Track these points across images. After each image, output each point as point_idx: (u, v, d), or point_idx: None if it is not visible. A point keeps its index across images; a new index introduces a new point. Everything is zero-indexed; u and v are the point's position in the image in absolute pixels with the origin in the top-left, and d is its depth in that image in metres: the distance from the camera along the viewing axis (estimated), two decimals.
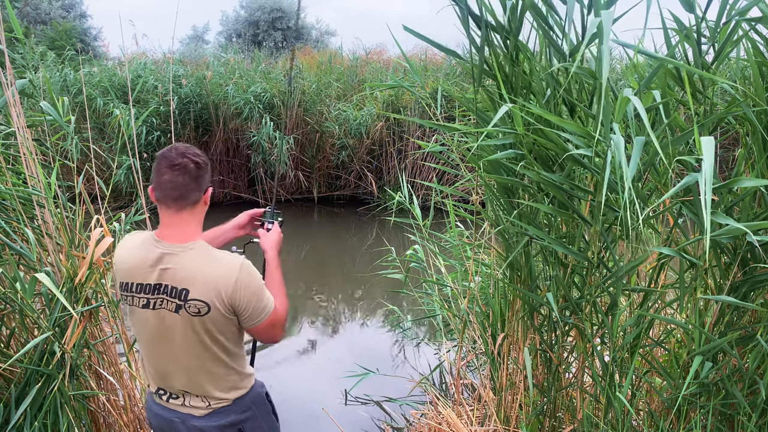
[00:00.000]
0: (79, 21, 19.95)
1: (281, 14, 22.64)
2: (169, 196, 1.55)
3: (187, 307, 1.55)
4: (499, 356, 2.48)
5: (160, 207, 1.59)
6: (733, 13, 1.75)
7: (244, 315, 1.60)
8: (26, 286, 2.08)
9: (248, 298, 1.57)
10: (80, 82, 8.66)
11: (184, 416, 1.69)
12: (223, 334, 1.61)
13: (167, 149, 1.56)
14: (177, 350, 1.61)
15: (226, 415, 1.69)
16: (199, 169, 1.56)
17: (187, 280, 1.55)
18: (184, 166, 1.53)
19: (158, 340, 1.63)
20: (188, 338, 1.59)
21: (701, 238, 1.75)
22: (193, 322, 1.57)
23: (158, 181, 1.54)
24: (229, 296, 1.55)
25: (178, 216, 1.57)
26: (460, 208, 3.21)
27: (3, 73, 2.14)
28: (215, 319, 1.57)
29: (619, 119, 1.61)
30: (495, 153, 2.11)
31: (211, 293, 1.54)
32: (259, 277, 1.62)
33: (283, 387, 3.86)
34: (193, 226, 1.61)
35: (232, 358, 1.67)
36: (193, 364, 1.62)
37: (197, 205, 1.60)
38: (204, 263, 1.56)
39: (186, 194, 1.55)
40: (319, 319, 5.08)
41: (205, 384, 1.65)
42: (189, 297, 1.54)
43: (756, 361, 1.78)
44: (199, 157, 1.57)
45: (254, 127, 9.07)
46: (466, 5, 1.92)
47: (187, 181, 1.54)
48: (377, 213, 8.33)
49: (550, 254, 2.17)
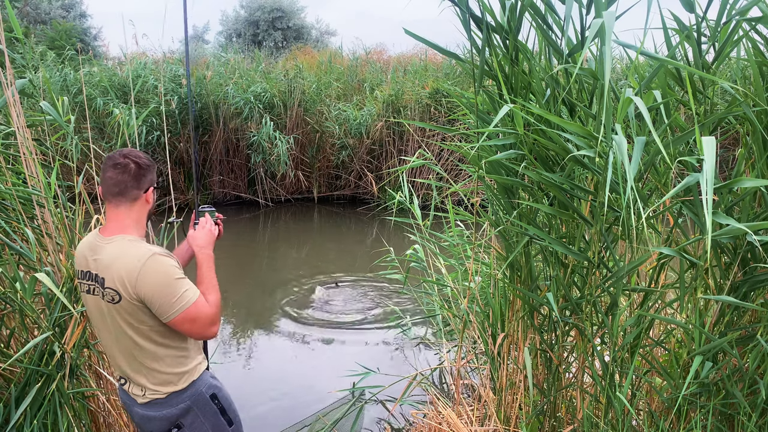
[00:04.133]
0: (79, 21, 19.95)
1: (281, 14, 22.65)
2: (110, 192, 1.70)
3: (105, 295, 1.68)
4: (499, 356, 2.48)
5: (103, 200, 1.75)
6: (734, 13, 1.75)
7: (153, 307, 1.65)
8: (26, 286, 2.08)
9: (154, 291, 1.62)
10: (80, 81, 8.67)
11: (131, 401, 1.81)
12: (143, 323, 1.68)
13: (114, 152, 1.73)
14: (110, 335, 1.74)
15: (160, 407, 1.75)
16: (140, 168, 1.71)
17: (105, 269, 1.67)
18: (125, 165, 1.69)
19: (99, 324, 1.76)
20: (114, 325, 1.71)
21: (702, 238, 1.75)
22: (113, 310, 1.68)
23: (102, 178, 1.71)
24: (132, 286, 1.62)
25: (117, 211, 1.71)
26: (460, 207, 3.21)
27: (3, 73, 2.13)
28: (127, 308, 1.66)
29: (621, 119, 1.61)
30: (495, 153, 2.11)
31: (118, 282, 1.64)
32: (170, 271, 1.65)
33: (282, 386, 3.86)
34: (129, 221, 1.72)
35: (161, 351, 1.72)
36: (124, 350, 1.73)
37: (136, 202, 1.73)
38: (117, 254, 1.66)
39: (124, 191, 1.69)
40: (318, 319, 5.08)
41: (136, 372, 1.75)
42: (105, 285, 1.67)
43: (756, 361, 1.78)
44: (140, 159, 1.72)
45: (254, 127, 9.07)
46: (467, 7, 1.92)
47: (127, 179, 1.69)
48: (377, 213, 8.34)
49: (550, 254, 2.17)
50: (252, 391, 3.77)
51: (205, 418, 1.80)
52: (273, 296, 5.67)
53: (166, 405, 1.75)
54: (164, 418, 1.75)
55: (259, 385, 3.89)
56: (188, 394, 1.77)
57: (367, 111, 9.44)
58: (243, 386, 3.83)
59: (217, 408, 1.83)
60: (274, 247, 7.94)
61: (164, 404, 1.75)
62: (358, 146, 9.63)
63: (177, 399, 1.75)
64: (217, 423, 1.82)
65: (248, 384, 3.88)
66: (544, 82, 2.02)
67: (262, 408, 3.56)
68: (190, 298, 1.66)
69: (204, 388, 1.80)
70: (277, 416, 3.43)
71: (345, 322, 5.03)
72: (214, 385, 1.84)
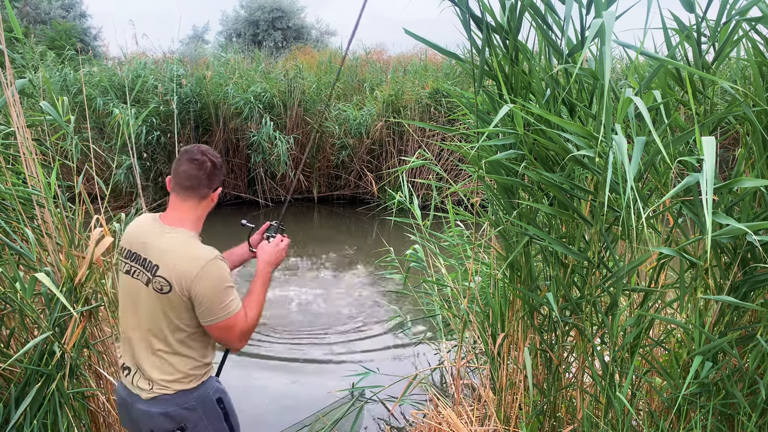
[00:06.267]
0: (78, 21, 19.95)
1: (281, 14, 22.65)
2: (181, 185, 1.71)
3: (154, 282, 1.67)
4: (499, 356, 2.48)
5: (171, 194, 1.75)
6: (733, 13, 1.75)
7: (200, 308, 1.67)
8: (26, 286, 2.08)
9: (206, 293, 1.64)
10: (80, 81, 8.67)
11: (133, 397, 1.77)
12: (180, 320, 1.69)
13: (191, 146, 1.73)
14: (140, 320, 1.73)
15: (166, 404, 1.73)
16: (215, 168, 1.73)
17: (160, 257, 1.67)
18: (202, 162, 1.70)
19: (130, 306, 1.76)
20: (149, 312, 1.70)
21: (702, 238, 1.75)
22: (156, 298, 1.68)
23: (176, 170, 1.72)
24: (188, 283, 1.64)
25: (183, 204, 1.73)
26: (460, 207, 3.21)
27: (3, 73, 2.13)
28: (174, 301, 1.66)
29: (621, 119, 1.61)
30: (495, 153, 2.11)
31: (173, 275, 1.64)
32: (225, 277, 1.68)
33: (282, 386, 3.86)
34: (192, 217, 1.74)
35: (184, 349, 1.73)
36: (147, 339, 1.73)
37: (203, 201, 1.75)
38: (178, 246, 1.68)
39: (196, 187, 1.71)
40: (318, 319, 5.08)
41: (151, 364, 1.73)
42: (157, 273, 1.67)
43: (756, 361, 1.78)
44: (216, 158, 1.75)
45: (254, 127, 9.07)
46: (467, 7, 1.92)
47: (202, 176, 1.70)
48: (377, 213, 8.33)
49: (550, 254, 2.17)
50: (252, 390, 3.77)
51: (209, 421, 1.79)
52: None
53: (172, 402, 1.74)
54: (168, 415, 1.73)
55: (259, 384, 3.89)
56: (196, 395, 1.76)
57: (367, 111, 9.44)
58: (243, 386, 3.83)
59: (222, 412, 1.83)
60: None
61: (170, 401, 1.74)
62: (358, 146, 9.63)
63: (184, 398, 1.74)
64: (219, 428, 1.82)
65: (248, 384, 3.88)
66: (544, 82, 2.02)
67: (261, 408, 3.56)
68: (233, 309, 1.69)
69: (211, 391, 1.80)
70: (276, 416, 3.43)
71: (345, 321, 5.02)
72: (220, 389, 1.85)
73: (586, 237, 2.10)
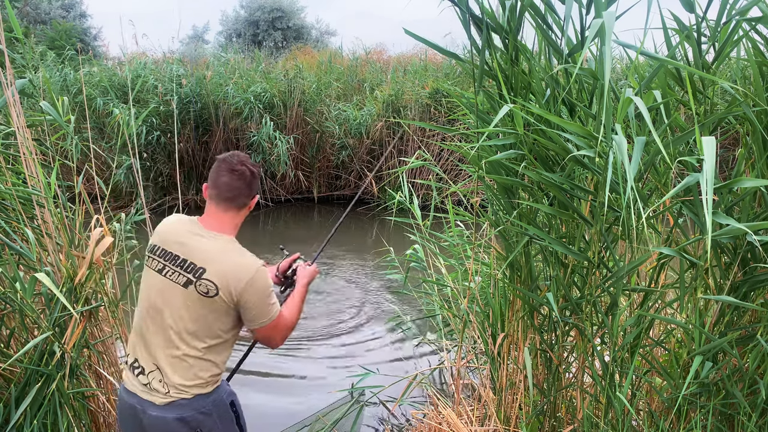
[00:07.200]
0: (78, 21, 19.94)
1: (281, 14, 22.63)
2: (222, 196, 1.72)
3: (198, 285, 1.65)
4: (499, 356, 2.48)
5: (209, 202, 1.75)
6: (734, 13, 1.75)
7: (248, 314, 1.71)
8: (26, 286, 2.08)
9: (255, 300, 1.69)
10: (80, 81, 8.66)
11: (145, 404, 1.70)
12: (220, 324, 1.69)
13: (228, 154, 1.74)
14: (168, 321, 1.69)
15: (183, 409, 1.69)
16: (254, 177, 1.75)
17: (207, 261, 1.66)
18: (242, 172, 1.71)
19: (155, 305, 1.71)
20: (184, 314, 1.67)
21: (702, 238, 1.75)
22: (197, 301, 1.66)
23: (216, 181, 1.72)
24: (238, 291, 1.65)
25: (223, 214, 1.74)
26: (460, 207, 3.21)
27: (3, 73, 2.13)
28: (218, 306, 1.66)
29: (621, 119, 1.61)
30: (495, 153, 2.11)
31: (222, 280, 1.65)
32: (270, 284, 1.74)
33: (282, 386, 3.86)
34: (231, 225, 1.76)
35: (211, 355, 1.71)
36: (176, 340, 1.68)
37: (243, 209, 1.77)
38: (228, 252, 1.69)
39: (237, 197, 1.72)
40: (319, 319, 5.08)
41: (174, 365, 1.68)
42: (203, 276, 1.65)
43: (756, 361, 1.78)
44: (254, 167, 1.76)
45: (254, 127, 9.07)
46: (467, 7, 1.92)
47: (242, 186, 1.72)
48: (377, 213, 8.33)
49: (550, 254, 2.17)
50: (252, 390, 3.77)
51: (223, 425, 1.77)
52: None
53: (189, 407, 1.69)
54: (184, 420, 1.69)
55: (259, 384, 3.89)
56: (212, 399, 1.74)
57: (367, 111, 9.44)
58: (242, 386, 3.83)
59: (234, 416, 1.82)
60: (275, 246, 7.93)
61: (187, 406, 1.69)
62: (358, 146, 9.62)
63: (201, 402, 1.71)
64: (231, 431, 1.81)
65: (248, 384, 3.88)
66: (544, 82, 2.02)
67: (261, 408, 3.56)
68: (276, 311, 1.77)
69: (225, 394, 1.79)
70: (277, 416, 3.43)
71: (345, 321, 5.02)
72: (232, 393, 1.84)
73: (586, 237, 2.10)
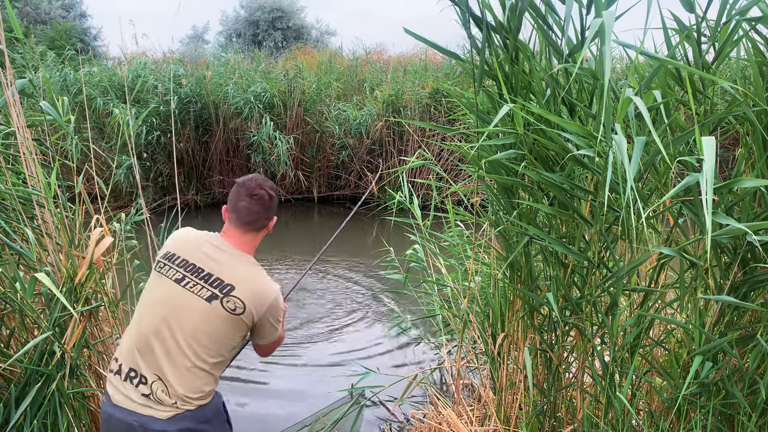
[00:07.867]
0: (78, 21, 19.94)
1: (281, 14, 22.63)
2: (242, 220, 1.75)
3: (225, 301, 1.67)
4: (499, 356, 2.48)
5: (229, 224, 1.79)
6: (734, 12, 1.75)
7: (259, 332, 1.79)
8: (26, 286, 2.08)
9: (271, 322, 1.78)
10: (80, 81, 8.66)
11: (145, 420, 1.63)
12: (235, 340, 1.73)
13: (247, 178, 1.77)
14: (179, 332, 1.65)
15: (185, 421, 1.67)
16: (272, 200, 1.78)
17: (236, 279, 1.69)
18: (261, 197, 1.74)
19: (167, 315, 1.67)
20: (200, 326, 1.65)
21: (702, 238, 1.75)
22: (219, 315, 1.67)
23: (236, 205, 1.75)
24: (260, 313, 1.72)
25: (243, 236, 1.77)
26: (460, 207, 3.21)
27: (3, 73, 2.13)
28: (240, 323, 1.70)
29: (621, 119, 1.61)
30: (495, 153, 2.11)
31: (249, 299, 1.69)
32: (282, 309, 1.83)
33: (282, 386, 3.86)
34: (249, 247, 1.79)
35: (216, 370, 1.73)
36: (187, 352, 1.65)
37: (261, 231, 1.81)
38: (255, 274, 1.74)
39: (257, 221, 1.76)
40: (318, 319, 5.08)
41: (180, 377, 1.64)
42: (232, 293, 1.67)
43: (756, 361, 1.78)
44: (273, 189, 1.80)
45: (254, 127, 9.07)
46: (467, 6, 1.92)
47: (261, 210, 1.75)
48: (377, 213, 8.33)
49: (550, 254, 2.17)
50: (252, 391, 3.77)
51: (218, 427, 1.79)
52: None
53: (192, 419, 1.68)
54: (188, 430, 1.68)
55: (258, 384, 3.88)
56: (210, 407, 1.75)
57: (367, 111, 9.44)
58: (242, 386, 3.83)
59: (225, 416, 1.84)
60: (275, 247, 7.93)
61: (190, 417, 1.68)
62: (358, 146, 9.62)
63: (203, 412, 1.71)
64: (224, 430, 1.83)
65: (247, 384, 3.88)
66: (544, 82, 2.02)
67: (261, 408, 3.56)
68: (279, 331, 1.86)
69: (218, 399, 1.81)
70: (276, 416, 3.43)
71: (345, 321, 5.02)
72: (219, 393, 1.85)
73: (586, 237, 2.10)
